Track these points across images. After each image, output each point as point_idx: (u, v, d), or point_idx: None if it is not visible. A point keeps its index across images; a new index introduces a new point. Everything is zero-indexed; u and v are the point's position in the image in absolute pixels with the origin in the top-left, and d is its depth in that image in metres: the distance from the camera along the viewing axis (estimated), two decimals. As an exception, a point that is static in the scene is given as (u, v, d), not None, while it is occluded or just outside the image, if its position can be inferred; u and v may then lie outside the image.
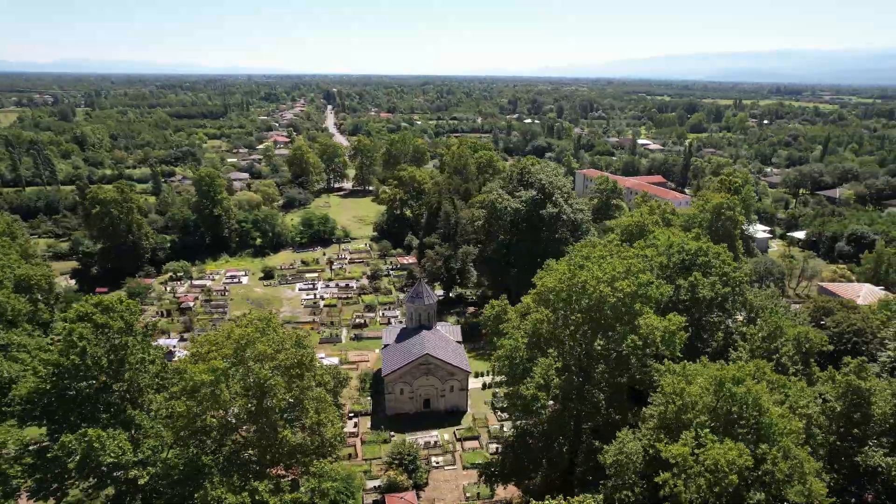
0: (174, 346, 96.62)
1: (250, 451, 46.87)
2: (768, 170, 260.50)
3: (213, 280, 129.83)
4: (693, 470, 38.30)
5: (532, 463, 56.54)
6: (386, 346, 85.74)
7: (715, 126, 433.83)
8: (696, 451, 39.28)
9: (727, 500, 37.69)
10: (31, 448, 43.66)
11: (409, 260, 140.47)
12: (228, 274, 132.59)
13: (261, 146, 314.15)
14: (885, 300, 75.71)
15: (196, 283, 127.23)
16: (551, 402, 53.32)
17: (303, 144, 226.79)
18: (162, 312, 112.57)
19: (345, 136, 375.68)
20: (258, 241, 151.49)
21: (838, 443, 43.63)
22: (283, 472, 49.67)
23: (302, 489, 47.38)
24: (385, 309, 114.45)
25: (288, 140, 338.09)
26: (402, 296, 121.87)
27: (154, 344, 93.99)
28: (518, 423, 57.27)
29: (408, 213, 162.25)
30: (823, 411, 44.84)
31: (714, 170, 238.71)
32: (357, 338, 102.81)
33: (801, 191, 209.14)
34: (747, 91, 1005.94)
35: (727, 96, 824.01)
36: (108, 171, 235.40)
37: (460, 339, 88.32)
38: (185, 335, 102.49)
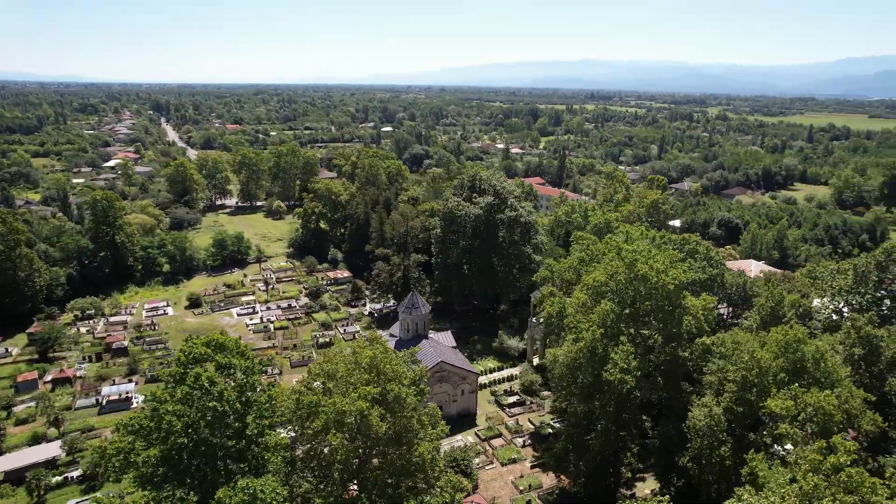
0: (130, 393, 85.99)
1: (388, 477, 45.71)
2: (621, 168, 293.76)
3: (132, 314, 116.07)
4: (802, 416, 45.92)
5: (590, 447, 61.25)
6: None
7: (557, 129, 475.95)
8: (796, 401, 47.02)
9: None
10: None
11: (343, 274, 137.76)
12: (148, 306, 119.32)
13: (109, 164, 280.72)
14: (809, 268, 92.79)
15: (113, 319, 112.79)
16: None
17: (185, 161, 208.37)
18: (89, 357, 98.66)
19: (197, 150, 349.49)
20: (166, 267, 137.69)
21: (866, 379, 54.64)
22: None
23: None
24: (343, 325, 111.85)
25: (138, 156, 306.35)
26: (352, 311, 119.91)
27: (104, 391, 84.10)
28: (579, 408, 61.46)
29: (323, 225, 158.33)
30: (848, 356, 55.72)
31: (580, 170, 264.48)
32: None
33: (644, 185, 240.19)
34: (567, 97, 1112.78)
35: (551, 101, 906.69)
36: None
37: (454, 344, 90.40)
38: (134, 379, 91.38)
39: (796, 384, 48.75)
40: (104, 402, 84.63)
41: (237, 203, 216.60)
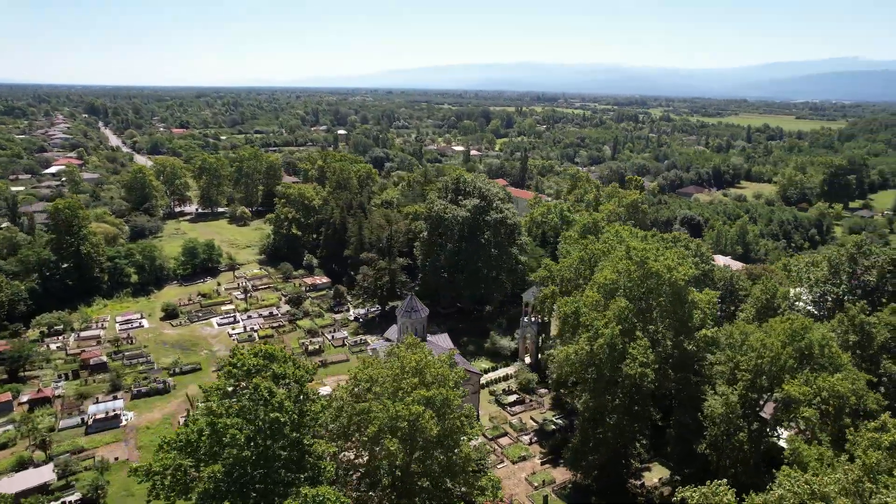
0: (118, 410, 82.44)
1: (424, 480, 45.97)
2: (580, 169, 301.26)
3: (104, 328, 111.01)
4: (817, 399, 49.13)
5: (604, 440, 63.30)
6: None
7: (510, 131, 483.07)
8: (811, 385, 50.22)
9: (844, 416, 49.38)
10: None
11: (322, 280, 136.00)
12: (121, 319, 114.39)
13: (50, 171, 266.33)
14: (784, 262, 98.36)
15: (85, 334, 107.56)
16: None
17: (143, 167, 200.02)
18: (65, 374, 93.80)
19: (144, 156, 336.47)
20: (134, 277, 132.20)
21: (861, 363, 58.82)
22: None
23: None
24: (330, 331, 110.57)
25: (81, 162, 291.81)
26: (336, 317, 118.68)
27: (90, 410, 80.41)
28: (591, 403, 63.28)
29: (295, 231, 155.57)
30: (843, 343, 59.81)
31: (539, 171, 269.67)
32: (324, 364, 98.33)
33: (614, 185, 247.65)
34: (514, 99, 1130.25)
35: (498, 103, 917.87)
36: None
37: (452, 345, 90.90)
38: (118, 395, 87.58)
39: (807, 369, 52.06)
40: (90, 421, 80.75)
41: (197, 210, 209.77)
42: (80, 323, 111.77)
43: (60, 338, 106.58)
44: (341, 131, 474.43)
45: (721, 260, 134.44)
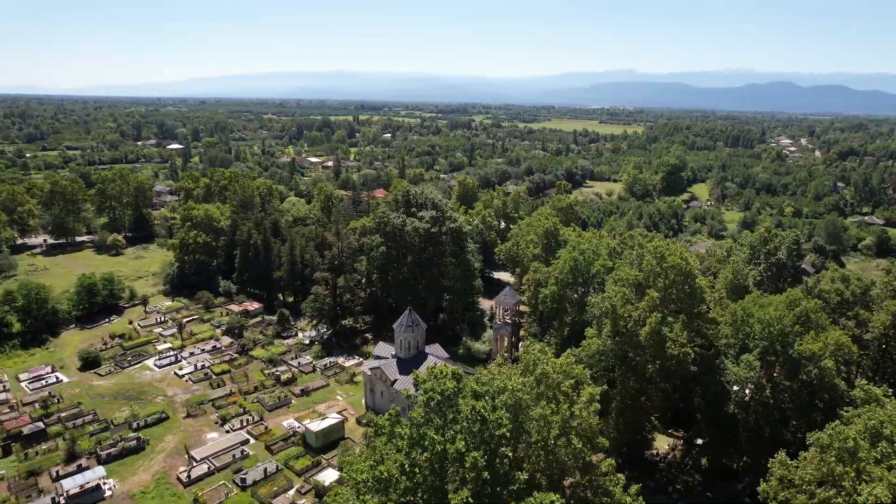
0: (99, 480, 70.99)
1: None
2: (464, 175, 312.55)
3: (7, 390, 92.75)
4: (827, 353, 61.31)
5: (640, 414, 71.21)
6: (395, 380, 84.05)
7: (359, 140, 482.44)
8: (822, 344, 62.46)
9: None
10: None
11: (254, 305, 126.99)
12: (29, 376, 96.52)
13: None
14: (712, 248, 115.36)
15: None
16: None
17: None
18: (-6, 450, 77.51)
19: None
20: (16, 326, 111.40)
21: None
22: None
23: None
24: (291, 359, 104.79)
25: None
26: (289, 342, 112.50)
27: (65, 485, 68.78)
28: (630, 384, 70.34)
29: (200, 256, 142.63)
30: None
31: (411, 180, 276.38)
32: (305, 392, 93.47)
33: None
34: (336, 107, 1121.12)
35: (323, 112, 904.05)
36: None
37: (447, 355, 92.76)
38: (81, 462, 75.07)
39: (812, 331, 64.56)
40: (62, 500, 68.46)
41: (46, 241, 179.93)
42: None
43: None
44: (173, 145, 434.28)
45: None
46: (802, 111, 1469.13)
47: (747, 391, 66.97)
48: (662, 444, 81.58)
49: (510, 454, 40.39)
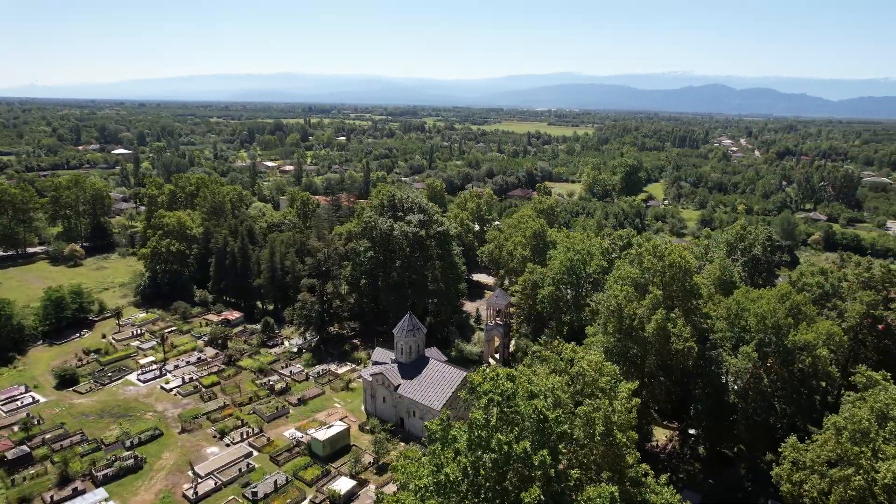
0: (103, 503, 68.13)
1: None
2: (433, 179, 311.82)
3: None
4: (820, 342, 65.40)
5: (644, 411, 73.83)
6: (399, 385, 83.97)
7: (315, 143, 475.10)
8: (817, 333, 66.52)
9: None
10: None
11: (234, 314, 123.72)
12: (2, 398, 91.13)
13: None
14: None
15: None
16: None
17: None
18: (-23, 477, 72.92)
19: None
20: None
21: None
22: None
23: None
24: (281, 368, 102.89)
25: None
26: (276, 351, 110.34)
27: None
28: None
29: (172, 265, 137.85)
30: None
31: (374, 182, 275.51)
32: (302, 401, 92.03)
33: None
34: (284, 110, 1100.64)
35: (270, 115, 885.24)
36: None
37: (446, 358, 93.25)
38: (76, 486, 71.71)
39: (804, 322, 68.65)
40: (63, 523, 65.50)
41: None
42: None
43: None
44: (118, 150, 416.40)
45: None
46: (736, 112, 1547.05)
47: (741, 382, 70.49)
48: (660, 435, 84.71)
49: (564, 451, 41.50)
